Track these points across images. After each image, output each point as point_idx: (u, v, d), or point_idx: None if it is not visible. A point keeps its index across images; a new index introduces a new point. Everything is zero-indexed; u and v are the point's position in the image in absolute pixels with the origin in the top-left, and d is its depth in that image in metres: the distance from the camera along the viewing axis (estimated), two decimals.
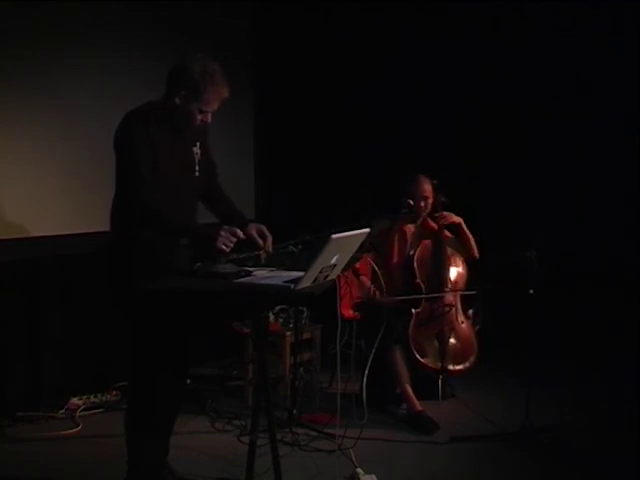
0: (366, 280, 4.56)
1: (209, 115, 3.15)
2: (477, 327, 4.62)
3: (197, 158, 3.28)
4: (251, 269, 3.04)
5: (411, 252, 4.67)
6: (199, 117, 3.13)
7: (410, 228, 4.73)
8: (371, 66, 5.80)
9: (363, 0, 5.69)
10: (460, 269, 4.67)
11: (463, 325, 4.56)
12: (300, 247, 3.12)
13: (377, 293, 4.50)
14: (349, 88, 5.83)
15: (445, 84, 5.68)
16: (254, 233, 3.11)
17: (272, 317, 4.55)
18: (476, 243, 4.70)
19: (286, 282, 2.79)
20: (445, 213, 4.65)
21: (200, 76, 3.06)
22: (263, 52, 5.87)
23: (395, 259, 4.69)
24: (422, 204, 4.63)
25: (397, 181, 4.75)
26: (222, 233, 2.94)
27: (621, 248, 5.31)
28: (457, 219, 4.68)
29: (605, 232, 5.31)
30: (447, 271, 4.60)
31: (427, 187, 4.62)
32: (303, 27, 5.79)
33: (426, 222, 4.77)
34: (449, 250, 4.65)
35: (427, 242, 4.71)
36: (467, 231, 4.70)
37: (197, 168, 3.28)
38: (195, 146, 3.28)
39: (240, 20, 5.71)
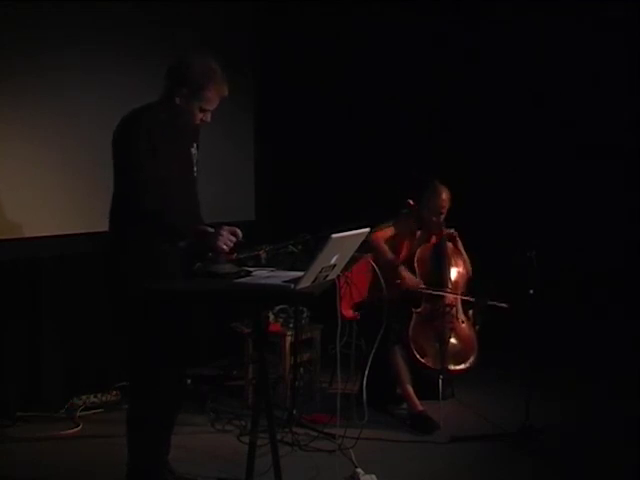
0: (405, 271, 4.49)
1: (209, 115, 3.16)
2: (477, 327, 4.62)
3: (195, 159, 3.29)
4: (251, 269, 3.04)
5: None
6: (200, 116, 3.14)
7: (418, 233, 4.72)
8: (371, 66, 5.80)
9: (363, 2, 5.69)
10: (461, 269, 4.67)
11: (463, 325, 4.56)
12: (300, 247, 3.12)
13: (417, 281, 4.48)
14: (349, 88, 5.83)
15: (446, 85, 5.68)
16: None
17: (272, 317, 4.56)
18: (471, 263, 4.71)
19: (286, 282, 2.79)
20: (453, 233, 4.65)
21: (201, 74, 3.07)
22: (263, 51, 5.87)
23: (399, 259, 4.67)
24: (435, 219, 4.57)
25: (397, 181, 4.75)
26: (223, 233, 2.95)
27: (621, 248, 5.31)
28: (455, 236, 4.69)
29: (605, 232, 5.32)
30: (448, 271, 4.60)
31: (445, 200, 4.52)
32: (304, 26, 5.79)
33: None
34: (450, 250, 4.65)
35: (428, 242, 4.71)
36: (462, 250, 4.71)
37: (195, 169, 3.30)
38: (193, 147, 3.29)
39: (240, 19, 5.71)
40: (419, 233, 4.73)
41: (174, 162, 3.15)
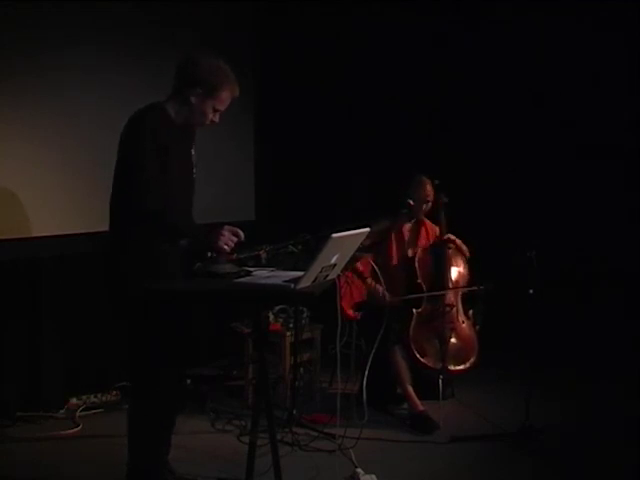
0: (372, 282, 4.55)
1: (218, 115, 3.16)
2: (478, 327, 4.62)
3: (194, 160, 3.29)
4: (251, 269, 3.04)
5: (410, 253, 4.68)
6: (211, 116, 3.14)
7: (407, 227, 4.75)
8: (371, 66, 5.80)
9: (363, 2, 5.69)
10: (461, 269, 4.67)
11: (464, 325, 4.56)
12: (300, 247, 3.12)
13: (386, 294, 4.49)
14: (349, 88, 5.83)
15: (446, 85, 5.68)
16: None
17: (272, 317, 4.56)
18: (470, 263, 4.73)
19: (286, 282, 2.79)
20: (451, 236, 4.66)
21: (216, 74, 3.08)
22: (263, 51, 5.87)
23: (395, 259, 4.69)
24: (424, 207, 4.65)
25: (397, 181, 4.76)
26: (225, 233, 2.95)
27: (621, 248, 5.31)
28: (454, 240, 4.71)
29: (605, 232, 5.31)
30: (448, 271, 4.60)
31: (430, 190, 4.64)
32: (304, 26, 5.78)
33: (422, 221, 4.77)
34: (450, 251, 4.65)
35: (428, 243, 4.72)
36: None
37: (194, 170, 3.30)
38: (192, 148, 3.29)
39: (240, 19, 5.71)
40: (408, 233, 4.73)
41: (177, 162, 3.15)
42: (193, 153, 3.30)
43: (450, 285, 4.58)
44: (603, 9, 5.19)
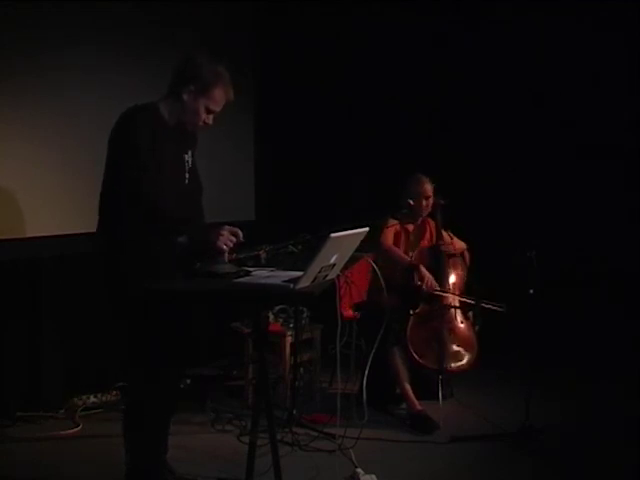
0: (425, 270, 4.52)
1: (211, 118, 3.14)
2: (476, 327, 4.62)
3: (187, 166, 3.24)
4: (251, 269, 3.04)
5: (410, 254, 4.68)
6: (203, 116, 3.11)
7: (410, 227, 4.75)
8: (371, 66, 5.80)
9: (363, 2, 5.69)
10: (459, 271, 4.67)
11: (462, 325, 4.56)
12: (300, 247, 3.12)
13: (435, 283, 4.49)
14: (349, 88, 5.84)
15: (446, 85, 5.68)
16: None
17: (272, 317, 4.56)
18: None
19: (285, 282, 2.79)
20: (447, 241, 4.66)
21: (211, 73, 3.06)
22: (263, 51, 5.87)
23: None
24: (424, 203, 4.65)
25: (397, 181, 4.76)
26: (224, 233, 2.94)
27: (621, 248, 5.31)
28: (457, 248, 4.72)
29: (605, 232, 5.32)
30: (446, 273, 4.60)
31: (429, 187, 4.65)
32: (304, 26, 5.79)
33: (425, 221, 4.78)
34: (448, 254, 4.64)
35: (426, 245, 4.72)
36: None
37: (187, 176, 3.24)
38: (187, 154, 3.24)
39: (240, 19, 5.71)
40: (413, 232, 4.73)
41: (170, 164, 3.12)
42: (187, 159, 3.24)
43: (448, 287, 4.58)
44: (603, 9, 5.20)
